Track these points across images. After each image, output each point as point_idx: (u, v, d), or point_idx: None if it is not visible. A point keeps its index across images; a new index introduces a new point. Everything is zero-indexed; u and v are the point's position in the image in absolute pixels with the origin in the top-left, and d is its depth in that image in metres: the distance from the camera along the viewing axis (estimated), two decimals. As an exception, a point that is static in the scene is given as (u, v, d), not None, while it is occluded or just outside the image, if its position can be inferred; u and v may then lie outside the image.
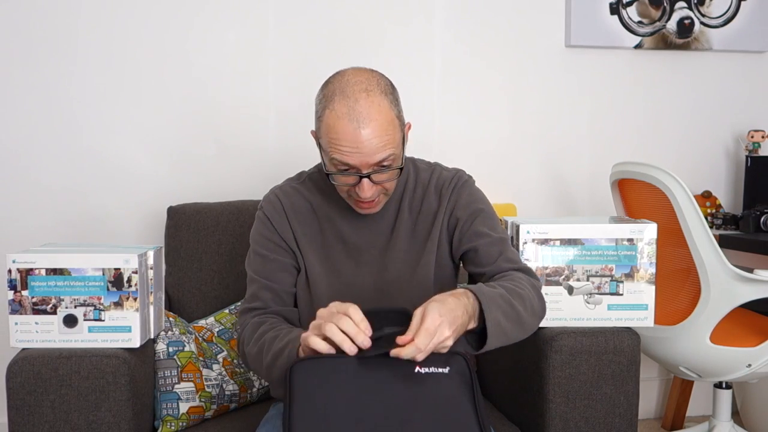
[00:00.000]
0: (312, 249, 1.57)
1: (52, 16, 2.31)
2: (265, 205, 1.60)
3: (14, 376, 1.46)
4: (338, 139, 1.39)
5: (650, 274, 1.66)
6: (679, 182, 1.94)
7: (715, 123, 2.77)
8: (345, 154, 1.39)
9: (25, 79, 2.31)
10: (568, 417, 1.60)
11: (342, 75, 1.44)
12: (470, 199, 1.58)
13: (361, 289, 1.55)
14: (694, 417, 2.76)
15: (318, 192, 1.60)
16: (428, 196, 1.59)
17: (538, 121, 2.66)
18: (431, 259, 1.56)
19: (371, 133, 1.38)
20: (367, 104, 1.38)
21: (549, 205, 2.68)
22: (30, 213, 2.34)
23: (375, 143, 1.38)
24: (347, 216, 1.57)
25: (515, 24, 2.60)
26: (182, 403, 1.71)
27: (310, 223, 1.58)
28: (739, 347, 1.99)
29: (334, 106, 1.40)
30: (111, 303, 1.53)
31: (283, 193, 1.60)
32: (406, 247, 1.57)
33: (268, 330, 1.46)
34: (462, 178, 1.61)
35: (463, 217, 1.56)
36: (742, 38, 2.71)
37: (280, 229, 1.57)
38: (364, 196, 1.44)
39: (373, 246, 1.57)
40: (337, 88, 1.41)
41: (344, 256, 1.57)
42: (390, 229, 1.58)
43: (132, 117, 2.37)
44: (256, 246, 1.58)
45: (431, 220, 1.58)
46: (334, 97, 1.40)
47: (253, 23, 2.42)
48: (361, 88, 1.40)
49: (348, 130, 1.38)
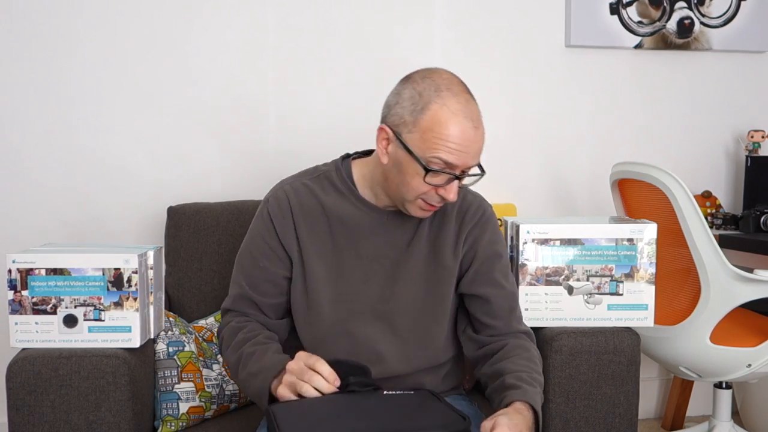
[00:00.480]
0: (317, 252, 1.50)
1: (52, 17, 2.30)
2: (270, 201, 1.52)
3: (14, 376, 1.46)
4: (449, 135, 1.34)
5: (650, 274, 1.66)
6: (679, 182, 1.94)
7: (715, 123, 2.77)
8: (452, 152, 1.35)
9: (25, 79, 2.31)
10: (568, 417, 1.60)
11: (437, 72, 1.41)
12: (492, 239, 1.54)
13: (366, 299, 1.50)
14: (694, 417, 2.76)
15: (334, 192, 1.52)
16: (449, 218, 1.53)
17: (538, 121, 2.66)
18: (448, 292, 1.51)
19: (480, 136, 1.38)
20: (476, 107, 1.38)
21: (549, 205, 2.68)
22: (30, 213, 2.34)
23: (479, 146, 1.38)
24: (362, 221, 1.50)
25: (515, 24, 2.60)
26: (182, 403, 1.71)
27: (318, 224, 1.50)
28: (739, 347, 1.99)
29: (445, 101, 1.35)
30: (111, 303, 1.53)
31: (293, 191, 1.52)
32: (419, 266, 1.51)
33: (247, 341, 1.46)
34: (487, 212, 1.56)
35: (481, 257, 1.52)
36: (742, 38, 2.71)
37: (281, 232, 1.50)
38: (450, 198, 1.39)
39: (386, 256, 1.51)
40: (440, 84, 1.37)
41: (353, 263, 1.50)
42: (407, 243, 1.51)
43: (132, 117, 2.37)
44: (251, 244, 1.53)
45: (451, 248, 1.52)
46: (442, 93, 1.36)
47: (253, 23, 2.42)
48: (464, 89, 1.39)
49: (464, 128, 1.35)
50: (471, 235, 1.53)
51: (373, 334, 1.49)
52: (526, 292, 1.66)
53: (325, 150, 1.80)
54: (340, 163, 1.55)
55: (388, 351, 1.48)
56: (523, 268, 1.66)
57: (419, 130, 1.36)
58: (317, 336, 1.50)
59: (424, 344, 1.51)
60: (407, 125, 1.38)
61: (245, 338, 1.47)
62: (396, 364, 1.48)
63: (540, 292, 1.67)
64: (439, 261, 1.51)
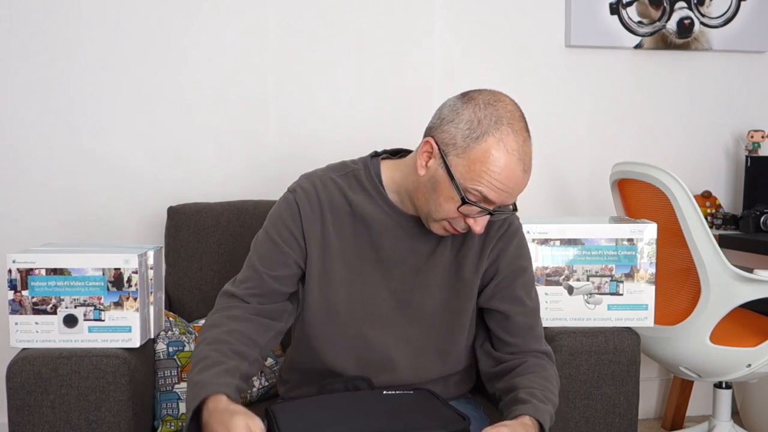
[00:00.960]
0: (339, 250, 1.45)
1: (53, 17, 2.30)
2: (299, 191, 1.46)
3: (14, 376, 1.46)
4: (498, 174, 1.30)
5: (650, 274, 1.66)
6: (679, 182, 1.94)
7: (715, 123, 2.77)
8: (496, 190, 1.31)
9: (25, 79, 2.31)
10: (568, 417, 1.60)
11: (502, 102, 1.37)
12: (517, 253, 1.50)
13: (382, 303, 1.46)
14: (694, 417, 2.76)
15: (361, 191, 1.46)
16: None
17: (538, 121, 2.64)
18: (468, 306, 1.48)
19: (527, 179, 1.35)
20: (530, 148, 1.35)
21: (549, 205, 2.68)
22: (30, 213, 2.34)
23: (523, 188, 1.35)
24: (387, 225, 1.46)
25: (515, 24, 2.60)
26: (182, 403, 1.71)
27: (344, 223, 1.45)
28: (739, 347, 1.99)
29: (502, 137, 1.31)
30: (111, 303, 1.53)
31: (322, 185, 1.46)
32: (440, 277, 1.47)
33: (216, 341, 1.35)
34: (514, 224, 1.51)
35: (504, 271, 1.48)
36: (742, 38, 2.71)
37: (306, 224, 1.44)
38: (477, 230, 1.36)
39: (407, 263, 1.46)
40: (503, 116, 1.34)
41: (373, 266, 1.46)
42: (429, 252, 1.47)
43: (132, 117, 2.37)
44: (272, 229, 1.45)
45: (474, 260, 1.47)
46: (502, 127, 1.32)
47: (253, 23, 2.42)
48: (524, 126, 1.36)
49: (516, 170, 1.31)
50: (495, 248, 1.48)
51: (387, 340, 1.46)
52: (526, 292, 1.66)
53: (325, 150, 1.81)
54: (369, 161, 1.50)
55: (400, 359, 1.45)
56: (523, 268, 1.66)
57: (468, 158, 1.31)
58: (329, 336, 1.47)
59: (438, 356, 1.48)
60: (457, 148, 1.32)
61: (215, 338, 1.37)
62: (407, 372, 1.46)
63: (540, 292, 1.66)
64: (461, 273, 1.47)
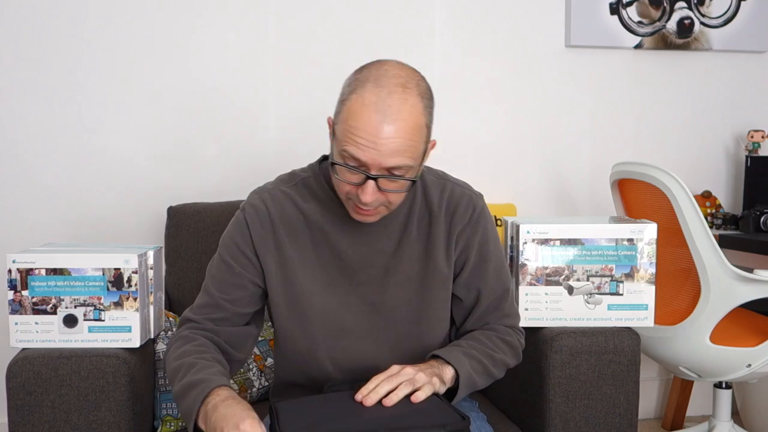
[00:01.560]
0: (302, 264, 1.42)
1: (54, 17, 2.30)
2: (248, 209, 1.43)
3: (14, 376, 1.46)
4: (357, 128, 1.24)
5: (650, 274, 1.66)
6: (679, 182, 1.94)
7: (715, 123, 2.77)
8: (359, 147, 1.24)
9: (25, 79, 2.31)
10: (568, 417, 1.60)
11: (382, 63, 1.31)
12: (484, 238, 1.47)
13: (356, 310, 1.43)
14: (694, 417, 2.76)
15: (312, 199, 1.44)
16: (437, 218, 1.45)
17: (538, 121, 2.66)
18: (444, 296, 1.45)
19: (394, 132, 1.23)
20: (400, 101, 1.24)
21: (549, 205, 2.68)
22: (30, 213, 2.34)
23: (396, 144, 1.24)
24: (344, 229, 1.42)
25: (515, 24, 2.60)
26: (182, 403, 1.71)
27: (301, 235, 1.42)
28: (739, 347, 1.99)
29: (363, 92, 1.25)
30: (111, 303, 1.53)
31: (272, 199, 1.43)
32: (411, 271, 1.44)
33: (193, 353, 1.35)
34: (477, 207, 1.47)
35: (474, 259, 1.46)
36: (742, 38, 2.71)
37: (258, 242, 1.41)
38: (364, 200, 1.28)
39: (372, 265, 1.43)
40: (372, 74, 1.27)
41: (338, 274, 1.42)
42: (393, 248, 1.43)
43: (132, 117, 2.37)
44: (224, 251, 1.43)
45: (443, 249, 1.44)
46: (366, 84, 1.26)
47: (253, 23, 2.42)
48: (398, 83, 1.26)
49: (371, 120, 1.23)
50: (462, 236, 1.45)
51: (363, 346, 1.44)
52: (526, 292, 1.66)
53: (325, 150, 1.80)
54: (318, 167, 1.47)
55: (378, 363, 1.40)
56: (523, 268, 1.66)
57: (340, 121, 1.28)
58: (308, 351, 1.44)
59: (420, 351, 1.44)
60: (336, 116, 1.31)
61: (192, 350, 1.36)
62: None
63: (540, 292, 1.67)
64: (433, 264, 1.44)
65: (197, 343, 1.38)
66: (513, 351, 1.49)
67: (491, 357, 1.42)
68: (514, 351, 1.49)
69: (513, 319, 1.52)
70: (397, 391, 1.25)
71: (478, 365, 1.39)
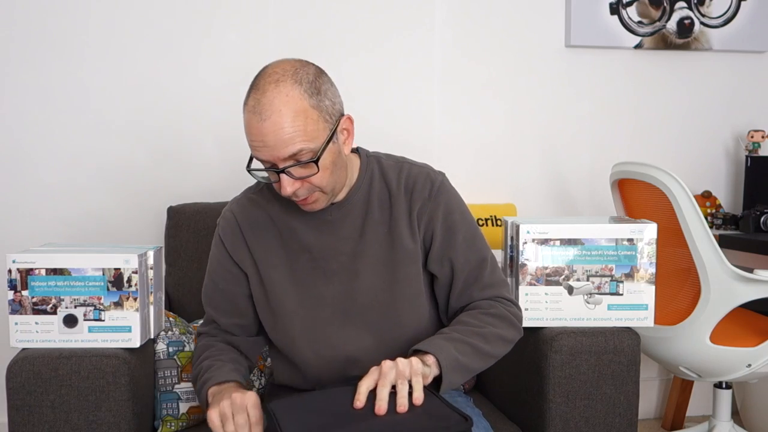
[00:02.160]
0: (274, 263, 1.48)
1: (54, 17, 2.31)
2: (221, 223, 1.54)
3: (14, 376, 1.46)
4: (249, 134, 1.33)
5: (650, 274, 1.66)
6: (679, 182, 1.94)
7: (715, 123, 2.77)
8: (256, 149, 1.33)
9: (25, 79, 2.31)
10: (568, 417, 1.60)
11: (265, 68, 1.38)
12: (447, 210, 1.48)
13: (332, 300, 1.47)
14: (694, 417, 2.76)
15: (276, 200, 1.50)
16: (397, 198, 1.47)
17: (537, 120, 2.66)
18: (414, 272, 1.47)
19: (272, 126, 1.30)
20: (273, 95, 1.31)
21: (549, 205, 2.68)
22: (30, 213, 2.34)
23: (279, 136, 1.30)
24: (309, 223, 1.47)
25: (515, 24, 2.60)
26: (182, 403, 1.71)
27: (269, 235, 1.49)
28: (739, 347, 1.99)
29: (247, 100, 1.34)
30: (111, 303, 1.53)
31: (239, 208, 1.52)
32: (378, 253, 1.46)
33: (210, 357, 1.49)
34: (435, 182, 1.48)
35: (440, 233, 1.47)
36: (742, 38, 2.71)
37: (233, 251, 1.50)
38: (285, 193, 1.35)
39: (341, 253, 1.46)
40: (254, 82, 1.36)
41: (310, 267, 1.47)
42: (358, 233, 1.47)
43: (132, 117, 2.37)
44: (210, 270, 1.56)
45: (407, 228, 1.47)
46: (250, 92, 1.35)
47: (253, 24, 2.42)
48: (272, 80, 1.33)
49: (253, 123, 1.31)
50: (424, 211, 1.47)
51: (344, 335, 1.46)
52: (526, 292, 1.66)
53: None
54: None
55: (361, 349, 1.45)
56: (523, 268, 1.66)
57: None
58: (289, 344, 1.50)
59: (400, 332, 1.46)
60: None
61: (209, 354, 1.50)
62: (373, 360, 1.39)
63: (540, 292, 1.67)
64: (398, 241, 1.46)
65: (216, 348, 1.52)
66: (505, 322, 1.45)
67: (480, 335, 1.39)
68: (506, 321, 1.45)
69: (497, 289, 1.49)
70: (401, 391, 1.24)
71: (464, 346, 1.35)
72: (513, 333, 1.46)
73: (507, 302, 1.49)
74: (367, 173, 1.49)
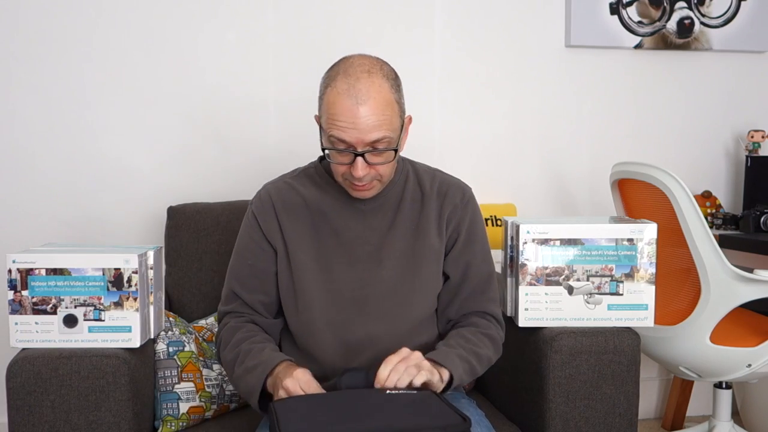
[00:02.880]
0: (302, 245, 1.56)
1: (53, 16, 2.30)
2: (255, 202, 1.61)
3: (14, 376, 1.46)
4: (336, 114, 1.42)
5: (650, 274, 1.66)
6: (679, 182, 1.94)
7: (715, 123, 2.77)
8: (342, 129, 1.41)
9: (25, 79, 2.31)
10: (568, 417, 1.60)
11: (347, 58, 1.49)
12: (473, 219, 1.61)
13: (353, 285, 1.54)
14: (694, 417, 2.76)
15: (312, 185, 1.60)
16: (429, 199, 1.59)
17: (537, 121, 2.66)
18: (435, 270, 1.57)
19: (368, 110, 1.40)
20: (368, 83, 1.42)
21: (549, 205, 2.68)
22: (30, 213, 2.34)
23: (371, 121, 1.41)
24: (341, 210, 1.57)
25: (515, 24, 2.60)
26: (182, 403, 1.71)
27: (301, 218, 1.57)
28: (739, 347, 1.99)
29: (335, 84, 1.44)
30: (111, 303, 1.53)
31: (274, 189, 1.61)
32: (403, 247, 1.56)
33: (244, 339, 1.52)
34: (467, 192, 1.62)
35: (463, 238, 1.59)
36: (742, 38, 2.71)
37: (266, 228, 1.57)
38: (356, 175, 1.44)
39: (368, 242, 1.56)
40: (341, 69, 1.46)
41: (337, 251, 1.56)
42: (387, 225, 1.57)
43: (132, 117, 2.37)
44: (240, 246, 1.61)
45: (435, 227, 1.58)
46: (337, 77, 1.44)
47: (253, 24, 2.42)
48: (363, 69, 1.44)
49: (346, 105, 1.41)
50: (454, 215, 1.59)
51: (360, 320, 1.53)
52: (526, 292, 1.66)
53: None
54: (319, 161, 1.65)
55: (373, 335, 1.52)
56: (523, 268, 1.66)
57: (321, 113, 1.48)
58: (306, 324, 1.55)
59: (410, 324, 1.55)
60: (319, 110, 1.50)
61: (243, 337, 1.53)
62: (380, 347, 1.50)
63: (540, 292, 1.67)
64: (424, 240, 1.56)
65: (246, 330, 1.54)
66: (495, 346, 1.57)
67: (476, 354, 1.50)
68: (495, 345, 1.57)
69: (496, 307, 1.61)
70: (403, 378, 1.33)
71: (466, 365, 1.46)
72: (496, 357, 1.58)
73: (498, 325, 1.60)
74: (403, 173, 1.61)
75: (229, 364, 1.52)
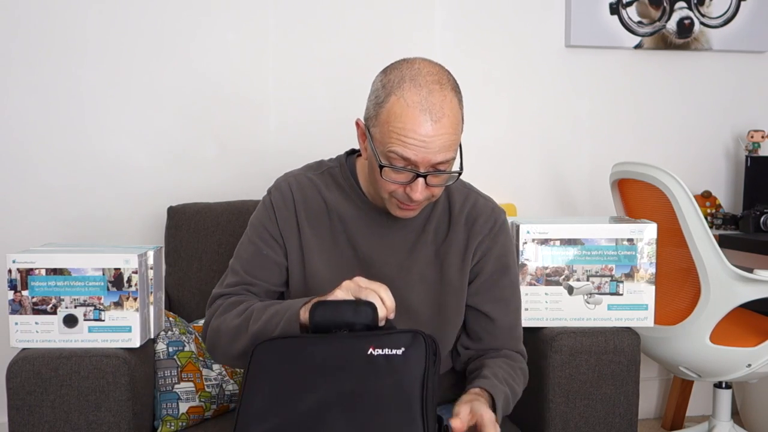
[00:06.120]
0: (318, 250, 1.44)
1: (54, 17, 2.30)
2: (274, 192, 1.47)
3: (14, 376, 1.46)
4: (405, 129, 1.26)
5: (650, 274, 1.66)
6: (679, 182, 1.94)
7: (715, 123, 2.77)
8: (408, 147, 1.26)
9: (25, 78, 2.31)
10: (568, 417, 1.60)
11: (411, 62, 1.33)
12: (503, 251, 1.48)
13: None
14: (694, 417, 2.76)
15: (336, 189, 1.46)
16: (456, 225, 1.46)
17: (537, 120, 2.66)
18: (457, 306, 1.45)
19: (442, 129, 1.27)
20: (441, 98, 1.28)
21: (549, 205, 2.68)
22: (30, 213, 2.34)
23: (443, 141, 1.27)
24: (363, 221, 1.45)
25: (515, 24, 2.60)
26: (182, 403, 1.71)
27: (320, 221, 1.45)
28: (739, 347, 1.99)
29: (403, 93, 1.27)
30: (111, 303, 1.53)
31: (297, 183, 1.46)
32: (424, 273, 1.45)
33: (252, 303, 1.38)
34: (499, 220, 1.49)
35: (489, 271, 1.47)
36: (742, 38, 2.71)
37: (282, 223, 1.44)
38: (415, 197, 1.30)
39: (386, 263, 1.44)
40: (406, 74, 1.30)
41: (354, 265, 1.43)
42: (408, 248, 1.45)
43: (132, 117, 2.37)
44: (252, 233, 1.47)
45: (459, 257, 1.45)
46: (404, 84, 1.28)
47: (253, 24, 2.42)
48: (434, 80, 1.29)
49: (419, 121, 1.25)
50: (481, 247, 1.46)
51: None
52: (526, 292, 1.66)
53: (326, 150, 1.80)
54: (345, 159, 1.51)
55: None
56: (523, 268, 1.66)
57: (379, 123, 1.30)
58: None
59: None
60: (371, 119, 1.32)
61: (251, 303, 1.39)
62: None
63: (540, 292, 1.67)
64: (446, 273, 1.45)
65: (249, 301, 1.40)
66: (524, 380, 1.48)
67: (512, 387, 1.40)
68: (524, 380, 1.48)
69: (521, 342, 1.52)
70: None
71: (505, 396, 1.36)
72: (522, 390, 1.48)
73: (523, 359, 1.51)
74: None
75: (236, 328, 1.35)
